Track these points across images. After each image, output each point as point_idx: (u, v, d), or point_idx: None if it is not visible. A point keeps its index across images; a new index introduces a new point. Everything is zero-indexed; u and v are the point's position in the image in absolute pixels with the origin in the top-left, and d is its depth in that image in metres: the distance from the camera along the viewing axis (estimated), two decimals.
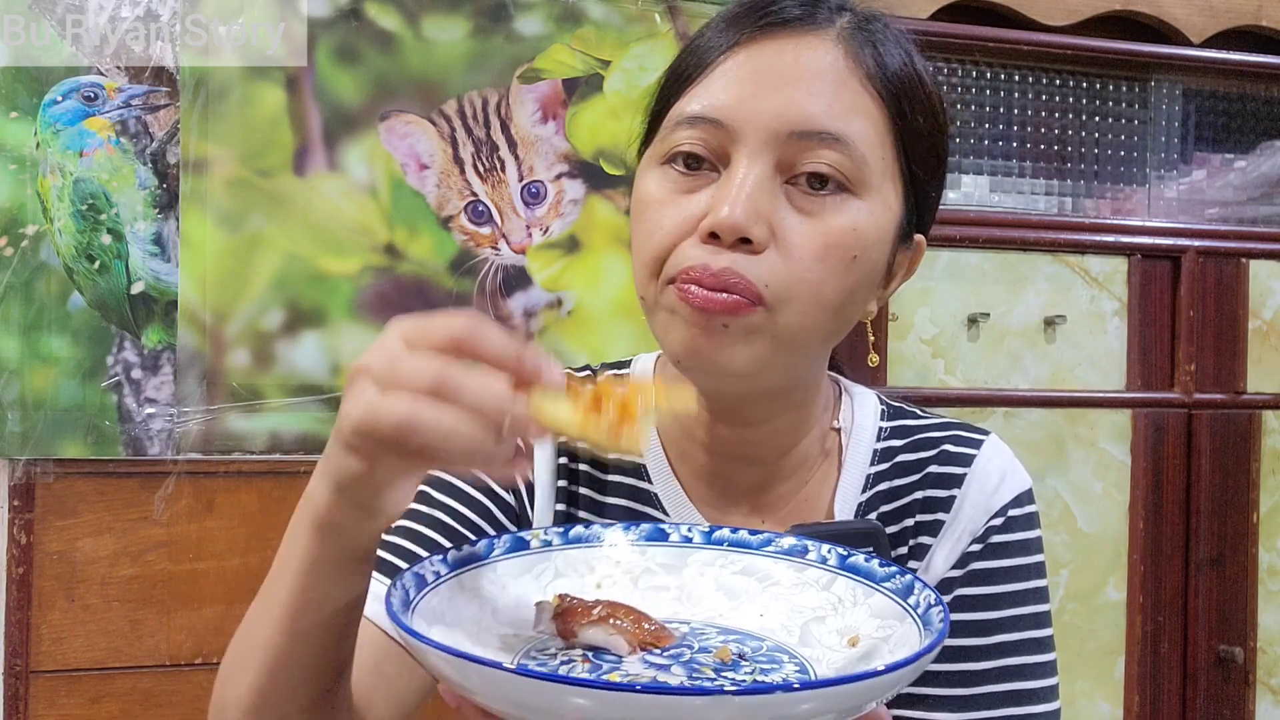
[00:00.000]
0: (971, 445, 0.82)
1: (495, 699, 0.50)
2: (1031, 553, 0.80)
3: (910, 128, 0.74)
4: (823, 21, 0.73)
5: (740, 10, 0.75)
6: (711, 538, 0.71)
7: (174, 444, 1.39)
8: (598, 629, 0.58)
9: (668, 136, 0.73)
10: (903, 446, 0.83)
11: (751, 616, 0.67)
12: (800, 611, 0.66)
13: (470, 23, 1.48)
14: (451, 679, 0.51)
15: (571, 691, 0.47)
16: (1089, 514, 1.75)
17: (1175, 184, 1.91)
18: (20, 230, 1.35)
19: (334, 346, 1.43)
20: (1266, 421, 1.83)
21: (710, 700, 0.47)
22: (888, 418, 0.85)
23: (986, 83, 1.82)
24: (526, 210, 1.49)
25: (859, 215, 0.72)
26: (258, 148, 1.41)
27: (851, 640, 0.62)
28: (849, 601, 0.65)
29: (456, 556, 0.63)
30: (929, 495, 0.81)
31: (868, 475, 0.82)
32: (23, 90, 1.35)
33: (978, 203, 1.81)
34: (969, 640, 0.77)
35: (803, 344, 0.72)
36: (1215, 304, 1.82)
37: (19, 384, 1.35)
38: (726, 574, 0.69)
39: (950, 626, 0.56)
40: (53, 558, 1.36)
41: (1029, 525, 0.81)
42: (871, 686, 0.50)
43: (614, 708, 0.47)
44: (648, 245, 0.72)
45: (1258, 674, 1.82)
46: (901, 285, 0.81)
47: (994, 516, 0.80)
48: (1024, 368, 1.74)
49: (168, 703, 1.38)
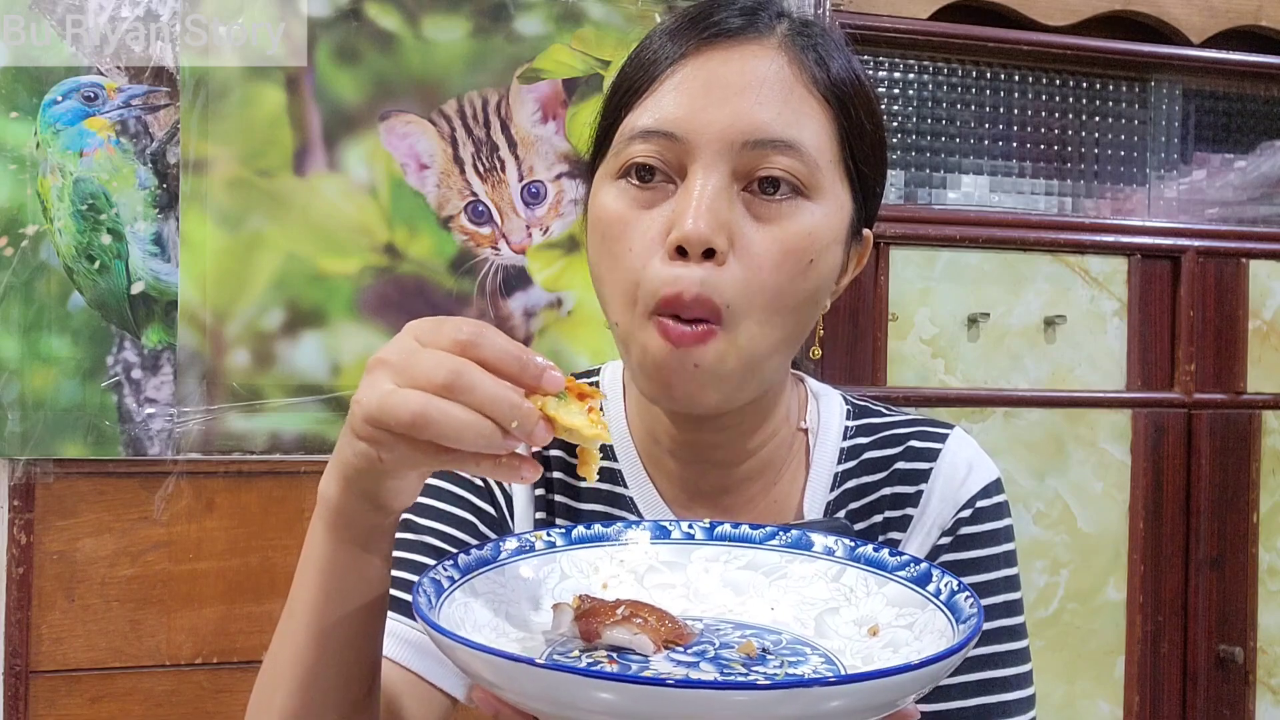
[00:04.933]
0: (936, 440, 0.83)
1: (545, 700, 0.49)
2: (1001, 542, 0.81)
3: (855, 128, 0.75)
4: (764, 29, 0.74)
5: (682, 22, 0.75)
6: (714, 533, 0.71)
7: (174, 444, 1.39)
8: (621, 629, 0.58)
9: (621, 151, 0.73)
10: (869, 444, 0.84)
11: (762, 611, 0.67)
12: (811, 604, 0.66)
13: (470, 23, 1.48)
14: (491, 680, 0.51)
15: (616, 688, 0.47)
16: (1089, 514, 1.75)
17: (1175, 184, 1.91)
18: (20, 230, 1.35)
19: (334, 346, 1.43)
20: (1266, 421, 1.83)
21: (757, 696, 0.47)
22: (853, 416, 0.86)
23: (986, 83, 1.82)
24: (526, 210, 1.49)
25: (814, 218, 0.73)
26: (258, 148, 1.41)
27: (872, 630, 0.62)
28: (861, 592, 0.65)
29: (466, 561, 0.63)
30: (897, 491, 0.82)
31: (835, 474, 0.83)
32: (23, 90, 1.35)
33: (978, 203, 1.81)
34: None
35: (766, 355, 0.73)
36: (1215, 304, 1.82)
37: (19, 384, 1.35)
38: (731, 569, 0.69)
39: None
40: (53, 558, 1.36)
41: (998, 515, 0.82)
42: (912, 679, 0.49)
43: (660, 703, 0.46)
44: (618, 269, 0.72)
45: (1258, 674, 1.82)
46: (852, 279, 0.82)
47: (962, 509, 0.81)
48: (1024, 368, 1.74)
49: (168, 703, 1.38)
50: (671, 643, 0.59)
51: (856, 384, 1.63)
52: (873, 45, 1.72)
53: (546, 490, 0.83)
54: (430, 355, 0.56)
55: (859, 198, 0.78)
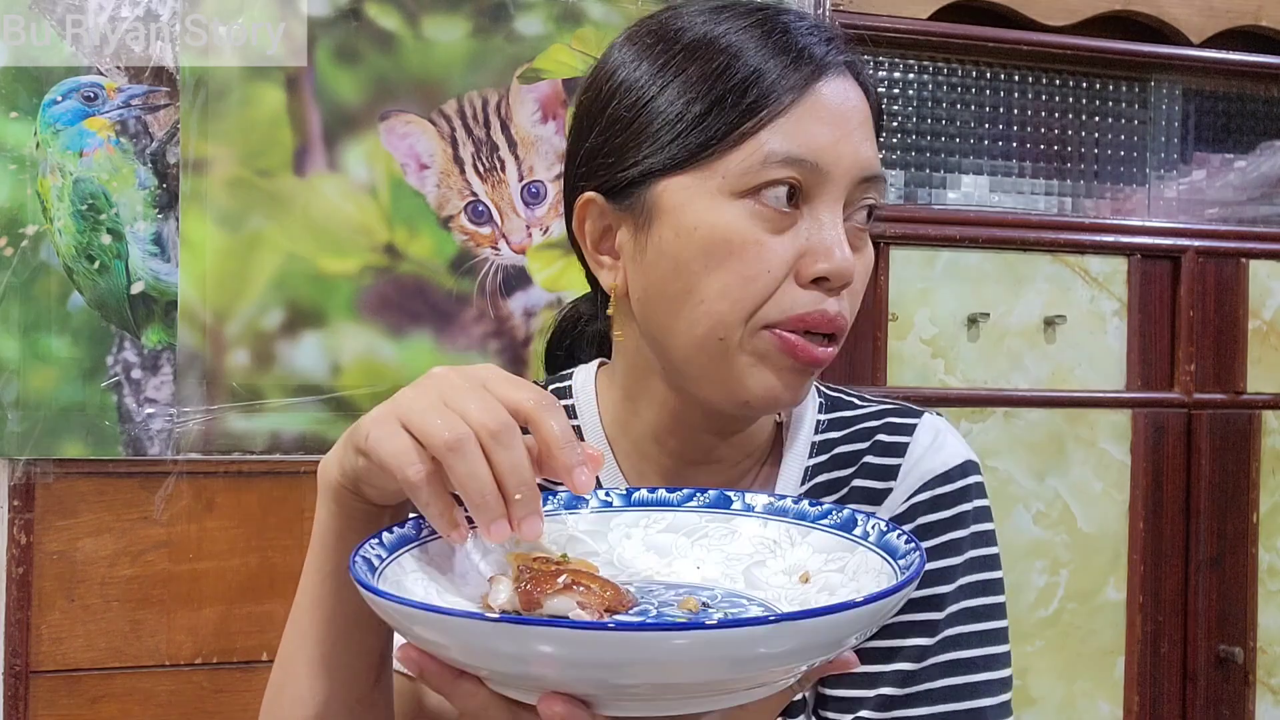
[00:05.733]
0: (904, 432, 0.83)
1: (492, 655, 0.49)
2: (968, 524, 0.80)
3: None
4: (845, 61, 0.76)
5: (777, 40, 0.74)
6: (631, 499, 0.71)
7: (174, 444, 1.39)
8: (563, 597, 0.58)
9: (757, 170, 0.72)
10: (840, 438, 0.84)
11: (689, 570, 0.67)
12: (737, 559, 0.66)
13: (470, 23, 1.48)
14: (432, 639, 0.51)
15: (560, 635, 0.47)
16: (1089, 514, 1.75)
17: (1175, 184, 1.91)
18: (20, 230, 1.35)
19: (334, 346, 1.43)
20: (1266, 421, 1.83)
21: (713, 634, 0.47)
22: (826, 410, 0.86)
23: (986, 83, 1.82)
24: (526, 210, 1.49)
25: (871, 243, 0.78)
26: (258, 148, 1.41)
27: (803, 577, 0.63)
28: (786, 543, 0.66)
29: (391, 539, 0.62)
30: (866, 485, 0.82)
31: (806, 468, 0.83)
32: (23, 90, 1.35)
33: (978, 203, 1.81)
34: (914, 615, 0.78)
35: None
36: (1215, 304, 1.82)
37: (19, 384, 1.35)
38: (653, 533, 0.69)
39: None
40: (53, 558, 1.36)
41: (964, 498, 0.81)
42: (857, 616, 0.50)
43: (602, 649, 0.46)
44: (749, 289, 0.72)
45: (1258, 674, 1.82)
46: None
47: (918, 491, 0.80)
48: (1024, 368, 1.74)
49: (168, 703, 1.38)
50: (612, 610, 0.59)
51: (857, 384, 1.63)
52: (873, 45, 1.72)
53: None
54: (489, 400, 0.58)
55: None
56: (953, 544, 0.79)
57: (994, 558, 0.81)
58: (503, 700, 0.54)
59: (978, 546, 0.80)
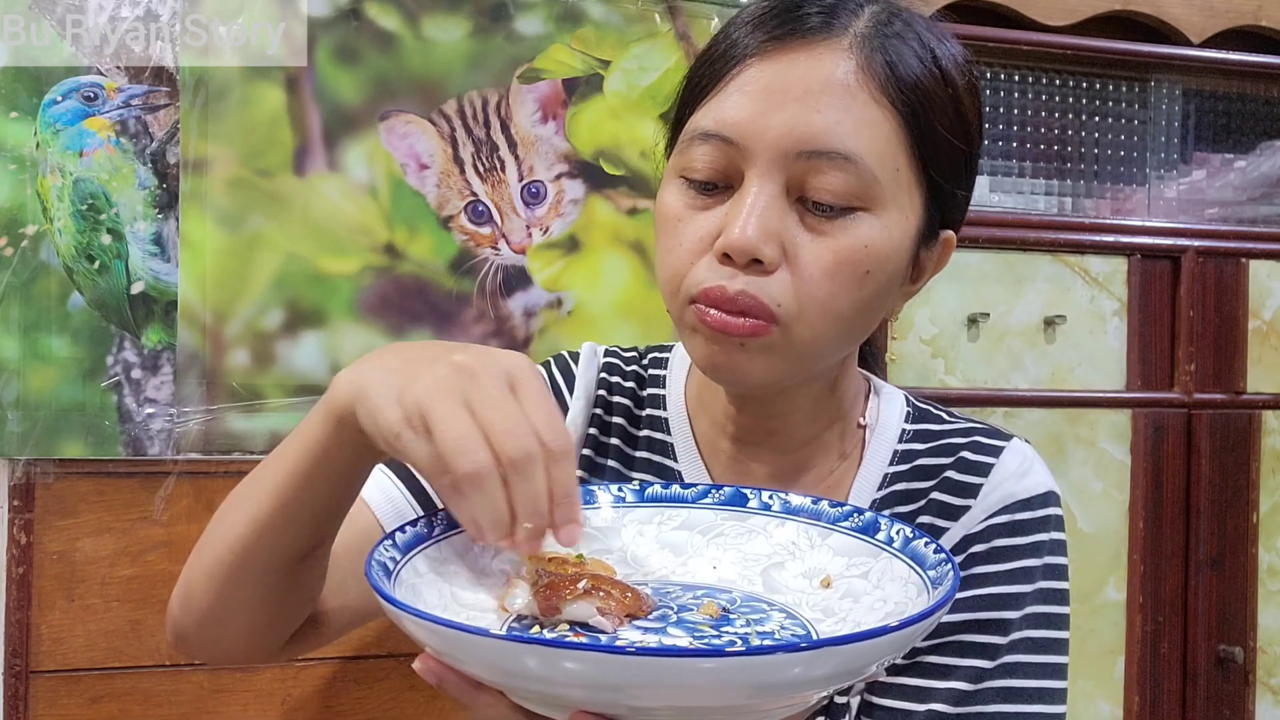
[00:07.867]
0: (991, 453, 0.81)
1: (508, 674, 0.48)
2: (1042, 555, 0.78)
3: (928, 135, 0.73)
4: (839, 28, 0.71)
5: (762, 14, 0.74)
6: (645, 495, 0.70)
7: (174, 444, 1.39)
8: (583, 603, 0.57)
9: (685, 150, 0.74)
10: (924, 450, 0.83)
11: (705, 570, 0.66)
12: (755, 560, 0.65)
13: (470, 23, 1.48)
14: (453, 655, 0.50)
15: (586, 658, 0.46)
16: (1089, 514, 1.75)
17: (1175, 184, 1.91)
18: (20, 230, 1.35)
19: (334, 346, 1.43)
20: (1266, 421, 1.83)
21: (746, 661, 0.45)
22: (912, 420, 0.85)
23: (986, 83, 1.82)
24: (526, 210, 1.49)
25: (871, 231, 0.71)
26: (258, 148, 1.41)
27: (824, 582, 0.61)
28: (805, 544, 0.65)
29: (404, 539, 0.62)
30: (944, 500, 0.80)
31: (886, 474, 0.82)
32: (23, 90, 1.35)
33: (978, 203, 1.79)
34: (975, 636, 0.77)
35: (818, 353, 0.74)
36: (1215, 304, 1.82)
37: (19, 384, 1.34)
38: (667, 530, 0.68)
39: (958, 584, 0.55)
40: (53, 558, 1.36)
41: (1042, 528, 0.79)
42: (894, 639, 0.48)
43: (628, 673, 0.45)
44: (667, 262, 0.75)
45: (1258, 674, 1.82)
46: (933, 278, 0.84)
47: (999, 513, 0.79)
48: (1024, 368, 1.74)
49: (168, 703, 1.38)
50: (633, 615, 0.59)
51: None
52: None
53: (602, 432, 0.86)
54: (517, 418, 0.57)
55: (931, 204, 0.76)
56: (1026, 571, 0.78)
57: (1064, 593, 0.79)
58: (523, 713, 0.53)
59: (1049, 579, 0.79)
